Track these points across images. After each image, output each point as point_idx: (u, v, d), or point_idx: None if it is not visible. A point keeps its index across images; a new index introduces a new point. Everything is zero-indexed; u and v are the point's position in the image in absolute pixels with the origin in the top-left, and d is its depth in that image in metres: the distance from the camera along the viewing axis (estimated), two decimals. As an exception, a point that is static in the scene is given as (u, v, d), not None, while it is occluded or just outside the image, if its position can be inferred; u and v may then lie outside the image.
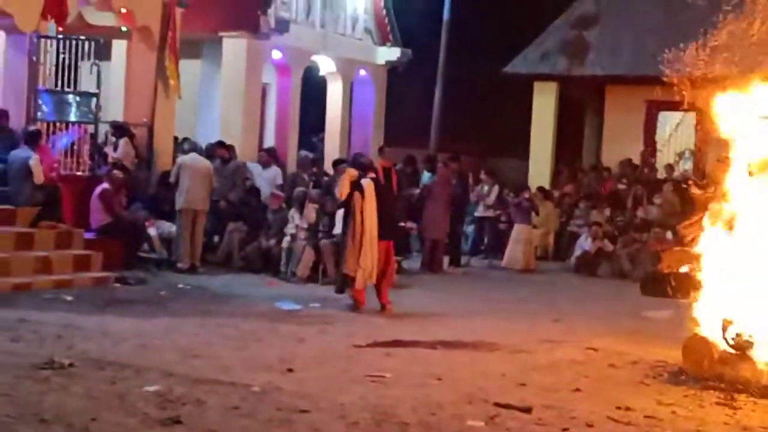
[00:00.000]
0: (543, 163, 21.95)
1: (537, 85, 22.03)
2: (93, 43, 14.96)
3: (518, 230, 18.11)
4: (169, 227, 15.18)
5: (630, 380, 9.25)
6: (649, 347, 10.62)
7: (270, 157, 18.02)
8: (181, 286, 13.50)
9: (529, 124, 22.09)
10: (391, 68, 22.85)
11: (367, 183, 12.50)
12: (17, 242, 12.96)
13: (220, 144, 17.12)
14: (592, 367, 9.68)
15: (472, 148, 24.06)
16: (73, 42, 14.66)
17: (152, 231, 14.89)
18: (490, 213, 18.87)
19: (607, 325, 12.25)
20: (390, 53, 22.49)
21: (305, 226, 15.28)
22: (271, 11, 19.08)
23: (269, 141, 20.42)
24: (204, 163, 15.41)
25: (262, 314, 11.76)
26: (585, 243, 18.23)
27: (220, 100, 19.25)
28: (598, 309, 13.82)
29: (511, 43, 22.47)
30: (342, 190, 12.61)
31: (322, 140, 21.80)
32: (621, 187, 20.41)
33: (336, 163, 18.28)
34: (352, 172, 12.63)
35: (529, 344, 10.64)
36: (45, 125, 14.54)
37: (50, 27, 14.55)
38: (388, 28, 22.41)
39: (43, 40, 14.46)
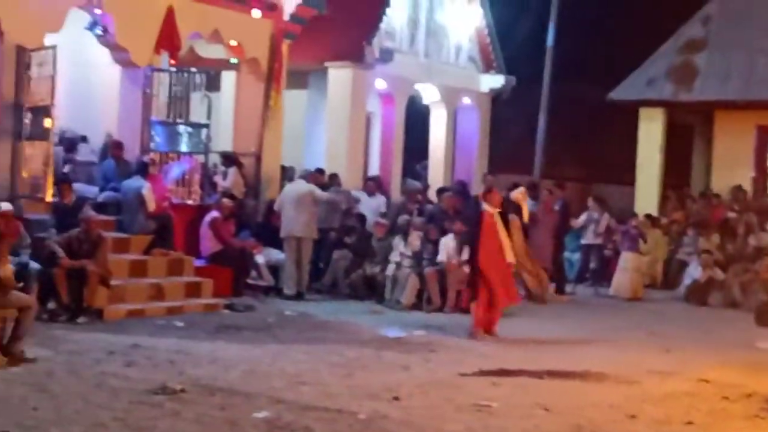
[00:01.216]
0: (650, 190, 21.61)
1: (643, 111, 21.73)
2: (204, 75, 15.34)
3: (626, 258, 17.85)
4: (277, 255, 15.41)
5: (744, 414, 9.02)
6: (764, 379, 10.34)
7: (375, 185, 18.16)
8: (288, 313, 13.68)
9: (635, 150, 21.79)
10: (495, 95, 22.84)
11: (491, 211, 12.77)
12: (131, 269, 13.33)
13: (319, 171, 17.34)
14: (704, 400, 9.47)
15: (577, 174, 23.88)
16: (185, 74, 15.04)
17: (260, 258, 15.14)
18: (597, 240, 18.63)
19: (720, 356, 11.96)
20: (494, 81, 22.48)
21: (410, 253, 15.34)
22: (375, 41, 19.30)
23: (374, 169, 20.60)
24: (305, 188, 15.57)
25: (368, 341, 11.83)
26: (695, 271, 17.86)
27: (325, 129, 19.51)
28: (710, 339, 13.52)
29: (616, 68, 22.25)
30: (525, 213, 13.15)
31: (425, 168, 21.87)
32: (731, 214, 19.94)
33: (440, 191, 18.35)
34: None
35: (638, 375, 10.47)
36: (158, 156, 14.93)
37: (163, 60, 15.03)
38: (492, 56, 22.42)
39: (156, 73, 14.87)
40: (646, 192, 21.57)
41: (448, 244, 15.10)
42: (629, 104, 21.87)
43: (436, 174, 21.61)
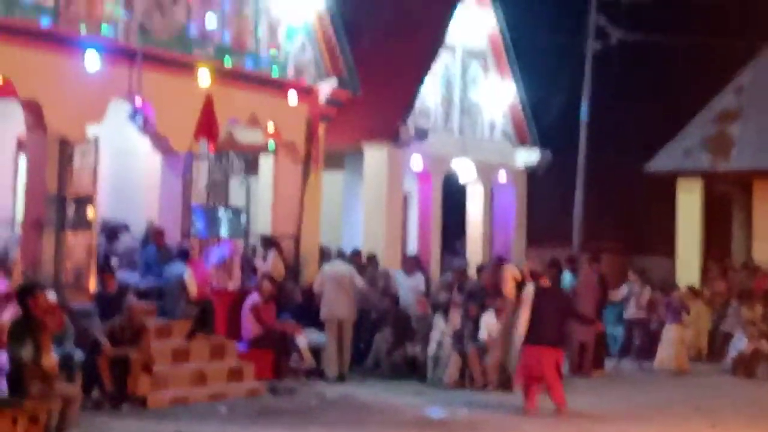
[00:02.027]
0: (691, 261, 21.46)
1: (681, 182, 21.70)
2: (242, 160, 15.54)
3: (669, 330, 17.66)
4: (318, 337, 15.40)
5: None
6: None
7: (413, 264, 18.16)
8: (329, 395, 13.63)
9: (674, 220, 21.70)
10: (531, 170, 22.89)
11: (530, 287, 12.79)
12: (174, 355, 13.37)
13: (356, 253, 17.39)
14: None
15: (615, 246, 23.77)
16: (224, 160, 15.24)
17: (301, 341, 15.12)
18: (640, 314, 18.45)
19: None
20: (529, 156, 22.54)
21: (450, 331, 15.28)
22: (410, 120, 19.50)
23: (412, 247, 20.63)
24: (345, 270, 15.62)
25: (411, 423, 11.75)
26: (740, 343, 17.62)
27: (362, 208, 19.61)
28: (758, 413, 13.29)
29: (651, 139, 22.29)
30: (508, 289, 12.87)
31: (464, 245, 21.88)
32: (775, 284, 19.73)
33: (479, 269, 18.32)
34: (514, 272, 12.86)
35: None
36: (198, 241, 15.07)
37: (202, 146, 15.27)
38: (526, 131, 22.52)
39: (195, 159, 15.08)
40: (687, 263, 21.42)
41: (488, 321, 15.03)
42: (666, 175, 21.85)
43: (475, 250, 21.59)
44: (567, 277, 18.32)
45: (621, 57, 24.72)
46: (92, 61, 13.61)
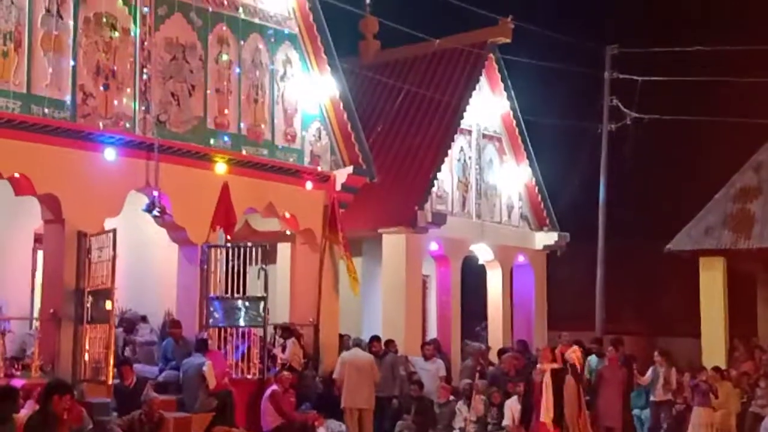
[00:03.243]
0: (716, 341, 21.13)
1: (703, 261, 21.49)
2: (259, 249, 15.45)
3: (697, 414, 17.26)
4: (338, 426, 15.14)
5: None
6: None
7: (433, 349, 17.95)
8: (352, 487, 13.35)
9: (698, 300, 21.43)
10: (550, 252, 22.75)
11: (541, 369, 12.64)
12: (193, 449, 13.15)
13: (375, 339, 17.21)
14: None
15: (638, 328, 23.48)
16: (241, 249, 15.18)
17: (321, 431, 14.88)
18: (667, 396, 18.10)
19: None
20: (547, 238, 22.44)
21: (474, 418, 15.03)
22: (427, 205, 19.46)
23: (432, 332, 20.42)
24: (365, 358, 15.43)
25: None
26: (770, 424, 17.20)
27: (381, 294, 19.48)
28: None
29: (671, 219, 22.16)
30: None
31: (485, 329, 21.65)
32: (803, 363, 19.38)
33: (501, 352, 18.09)
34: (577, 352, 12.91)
35: None
36: (216, 331, 14.93)
37: (219, 236, 15.24)
38: (544, 213, 22.45)
39: (212, 249, 15.04)
40: (712, 343, 21.08)
41: (512, 406, 14.80)
42: (688, 254, 21.65)
43: (496, 334, 21.35)
44: (593, 360, 18.06)
45: (637, 136, 24.74)
46: (110, 154, 13.70)
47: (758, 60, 21.93)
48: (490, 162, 21.61)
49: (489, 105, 21.39)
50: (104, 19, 14.01)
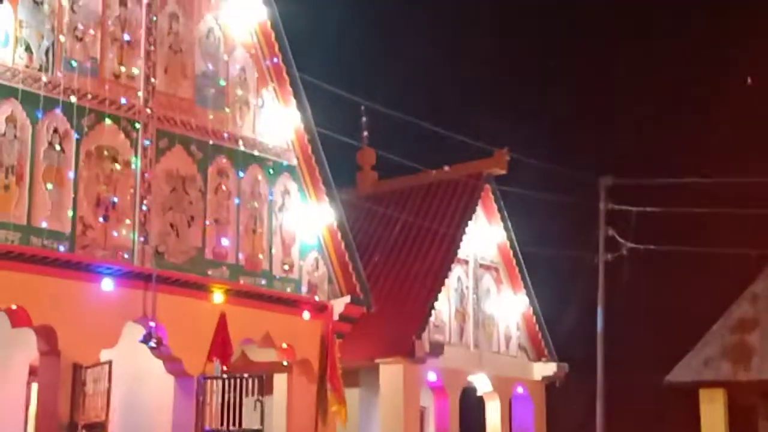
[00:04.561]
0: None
1: (703, 393, 21.24)
2: (255, 380, 15.30)
3: None
4: None
5: None
6: None
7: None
8: None
9: (699, 432, 21.14)
10: (549, 382, 22.55)
11: None
12: None
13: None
14: None
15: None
16: (237, 380, 15.03)
17: None
18: None
19: None
20: (546, 368, 22.30)
21: None
22: (425, 335, 19.39)
23: (430, 465, 20.11)
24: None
25: None
26: None
27: (379, 425, 19.22)
28: None
29: (670, 350, 22.03)
30: None
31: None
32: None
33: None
34: None
35: None
36: (211, 465, 14.68)
37: (215, 367, 15.10)
38: (542, 343, 22.36)
39: (209, 380, 14.89)
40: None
41: None
42: (688, 386, 21.44)
43: (495, 466, 21.01)
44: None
45: (633, 265, 24.80)
46: (107, 285, 13.71)
47: (753, 191, 22.17)
48: (487, 291, 21.63)
49: (485, 235, 21.53)
50: (106, 152, 14.23)
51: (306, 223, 16.92)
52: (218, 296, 15.17)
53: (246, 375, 15.26)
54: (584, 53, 31.67)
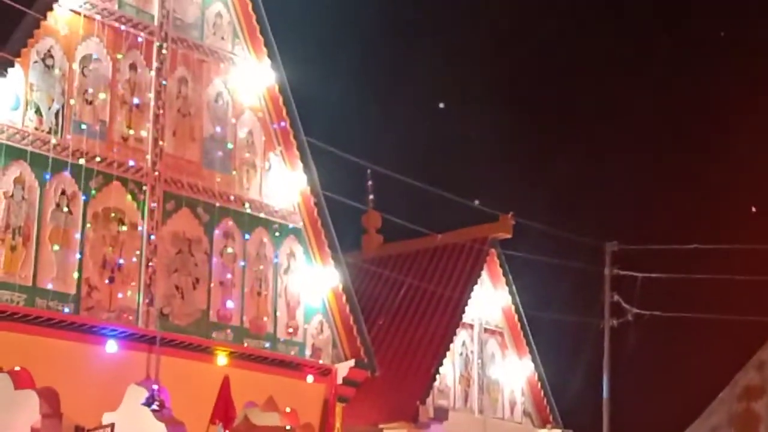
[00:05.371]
0: None
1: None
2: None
3: None
4: None
5: None
6: None
7: None
8: None
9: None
10: (554, 452, 22.36)
11: None
12: None
13: None
14: None
15: None
16: (240, 444, 14.94)
17: None
18: None
19: None
20: (552, 435, 22.13)
21: None
22: (429, 400, 19.27)
23: None
24: None
25: None
26: None
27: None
28: None
29: (676, 417, 21.90)
30: None
31: None
32: None
33: None
34: None
35: None
36: None
37: (218, 431, 15.01)
38: (547, 410, 22.18)
39: (211, 444, 14.79)
40: None
41: None
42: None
43: None
44: None
45: (638, 331, 24.72)
46: (111, 347, 13.69)
47: (759, 258, 22.16)
48: (492, 356, 21.53)
49: (491, 299, 21.49)
50: (112, 214, 14.29)
51: (311, 286, 16.92)
52: (222, 359, 15.13)
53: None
54: (591, 118, 31.91)
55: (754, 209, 26.48)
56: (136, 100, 14.88)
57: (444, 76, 31.70)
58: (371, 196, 23.12)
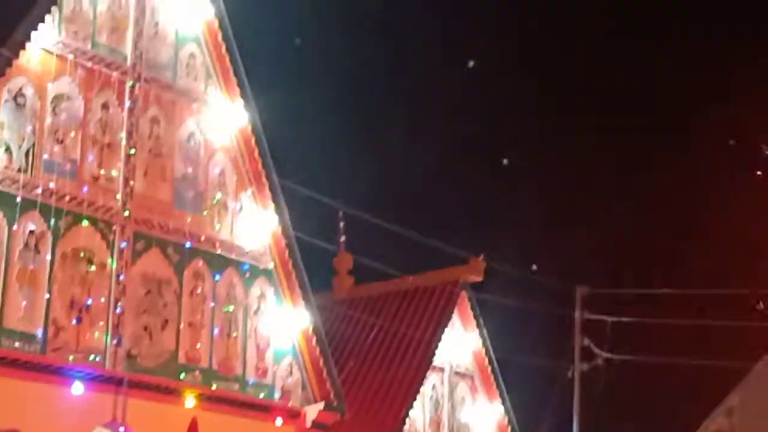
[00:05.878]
0: None
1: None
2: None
3: None
4: None
5: None
6: None
7: None
8: None
9: None
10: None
11: None
12: None
13: None
14: None
15: None
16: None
17: None
18: None
19: None
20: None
21: None
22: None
23: None
24: None
25: None
26: None
27: None
28: None
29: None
30: None
31: None
32: None
33: None
34: None
35: None
36: None
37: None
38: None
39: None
40: None
41: None
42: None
43: None
44: None
45: (609, 376, 24.73)
46: (77, 389, 13.53)
47: (730, 303, 22.30)
48: (462, 400, 21.43)
49: (461, 342, 21.43)
50: (81, 254, 14.19)
51: (281, 328, 16.83)
52: (190, 401, 14.99)
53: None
54: (565, 159, 32.11)
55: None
56: (107, 140, 14.82)
57: (415, 117, 31.89)
58: (343, 238, 23.09)
